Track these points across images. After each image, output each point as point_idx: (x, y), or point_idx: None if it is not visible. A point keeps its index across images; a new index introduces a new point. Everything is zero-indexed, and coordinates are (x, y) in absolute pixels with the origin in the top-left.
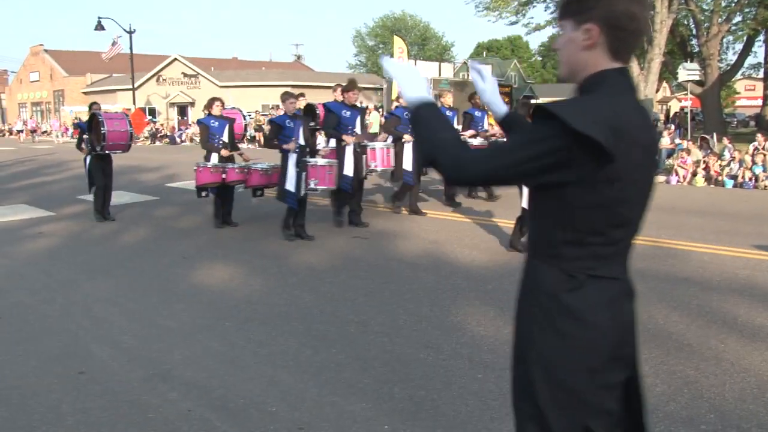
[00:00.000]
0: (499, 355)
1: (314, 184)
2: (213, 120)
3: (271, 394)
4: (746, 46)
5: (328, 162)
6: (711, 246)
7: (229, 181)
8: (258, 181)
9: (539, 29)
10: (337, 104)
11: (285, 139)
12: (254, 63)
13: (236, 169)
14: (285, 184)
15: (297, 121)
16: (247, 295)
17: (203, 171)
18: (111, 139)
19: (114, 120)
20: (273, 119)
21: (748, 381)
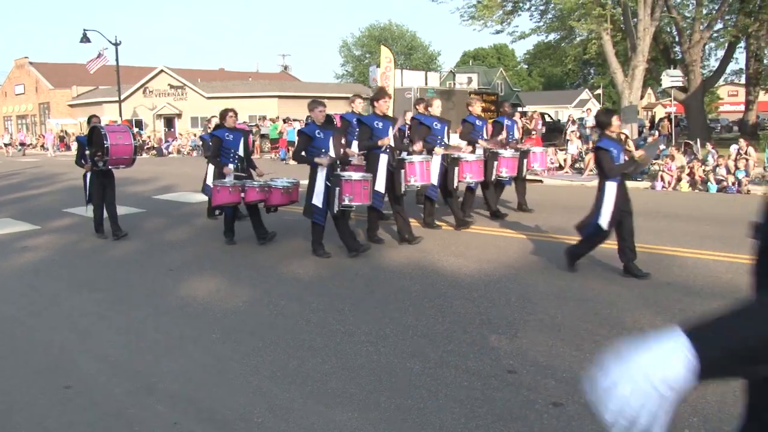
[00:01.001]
0: (484, 363)
1: (348, 200)
2: (227, 133)
3: (257, 405)
4: (728, 52)
5: (363, 176)
6: (694, 250)
7: (249, 200)
8: (279, 200)
9: (524, 37)
10: (370, 116)
11: (314, 151)
12: (241, 74)
13: (256, 188)
14: (312, 198)
15: (327, 131)
16: (233, 306)
17: (221, 191)
18: (114, 154)
19: (117, 133)
20: (302, 129)
21: (730, 384)
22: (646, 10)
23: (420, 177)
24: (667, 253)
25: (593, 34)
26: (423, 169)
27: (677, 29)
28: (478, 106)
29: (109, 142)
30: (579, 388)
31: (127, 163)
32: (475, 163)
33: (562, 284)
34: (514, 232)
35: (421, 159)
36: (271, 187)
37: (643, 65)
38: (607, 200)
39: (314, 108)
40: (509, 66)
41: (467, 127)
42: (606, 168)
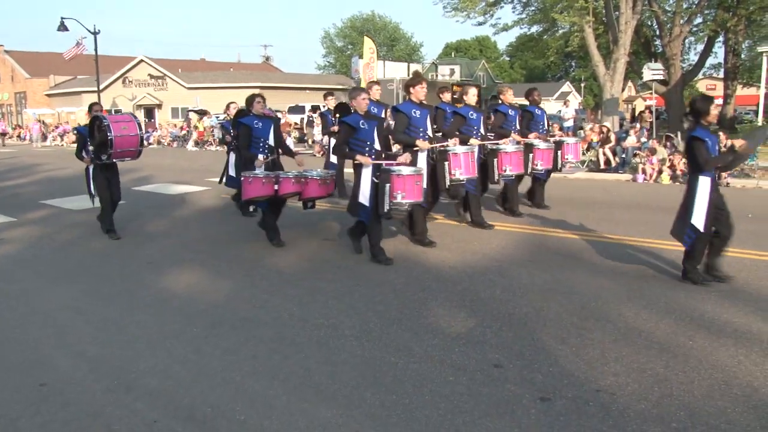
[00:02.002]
0: (470, 357)
1: (401, 197)
2: (257, 120)
3: (239, 401)
4: (707, 46)
5: (415, 170)
6: (678, 243)
7: (283, 193)
8: (316, 193)
9: (507, 29)
10: (406, 103)
11: (358, 144)
12: (222, 64)
13: (292, 179)
14: (359, 196)
15: (371, 121)
16: (214, 300)
17: (254, 182)
18: (119, 146)
19: (121, 123)
20: (344, 120)
21: (715, 377)
22: (627, 3)
23: (465, 170)
24: (651, 246)
25: (575, 27)
26: (468, 161)
27: (658, 23)
28: (510, 95)
29: (113, 133)
30: (566, 382)
31: (133, 156)
32: (515, 154)
33: (547, 277)
34: (498, 224)
35: (466, 150)
36: (307, 178)
37: (624, 58)
38: (700, 197)
39: (357, 95)
40: (491, 58)
41: (499, 118)
42: (701, 160)
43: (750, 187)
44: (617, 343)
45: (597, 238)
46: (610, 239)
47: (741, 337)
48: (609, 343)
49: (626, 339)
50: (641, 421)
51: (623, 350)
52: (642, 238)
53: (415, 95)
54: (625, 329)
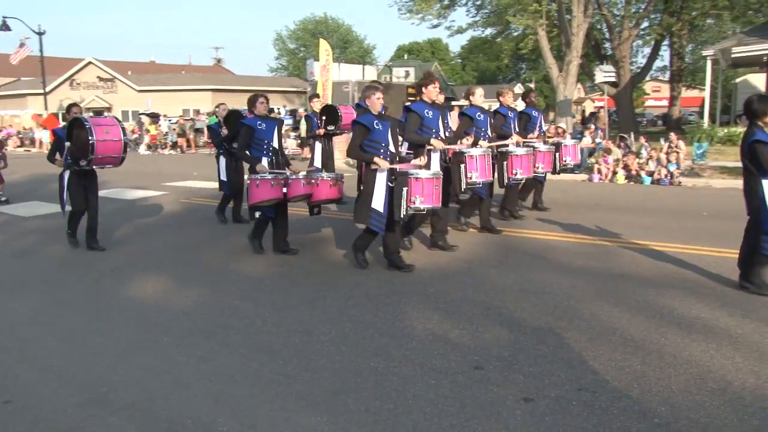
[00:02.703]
0: (449, 359)
1: (419, 201)
2: (260, 121)
3: (220, 412)
4: (654, 50)
5: (434, 173)
6: (640, 241)
7: (292, 196)
8: (327, 195)
9: (461, 32)
10: (418, 103)
11: (372, 145)
12: (173, 66)
13: (302, 180)
14: (371, 202)
15: (385, 122)
16: (184, 307)
17: (262, 185)
18: (101, 152)
19: (103, 126)
20: (358, 120)
21: (690, 372)
22: (579, 6)
23: (481, 173)
24: (614, 245)
25: (529, 30)
26: (484, 164)
27: (608, 26)
28: (510, 97)
29: (95, 137)
30: (548, 382)
31: (115, 163)
32: (525, 157)
33: (517, 277)
34: (463, 225)
35: (482, 152)
36: (317, 179)
37: (577, 60)
38: None
39: (371, 94)
40: (444, 60)
41: (499, 119)
42: (766, 164)
43: (700, 186)
44: (593, 342)
45: (562, 238)
46: (575, 239)
47: (710, 332)
48: (585, 341)
49: (602, 337)
50: (625, 418)
51: (600, 348)
52: (604, 238)
53: (428, 95)
54: (599, 328)
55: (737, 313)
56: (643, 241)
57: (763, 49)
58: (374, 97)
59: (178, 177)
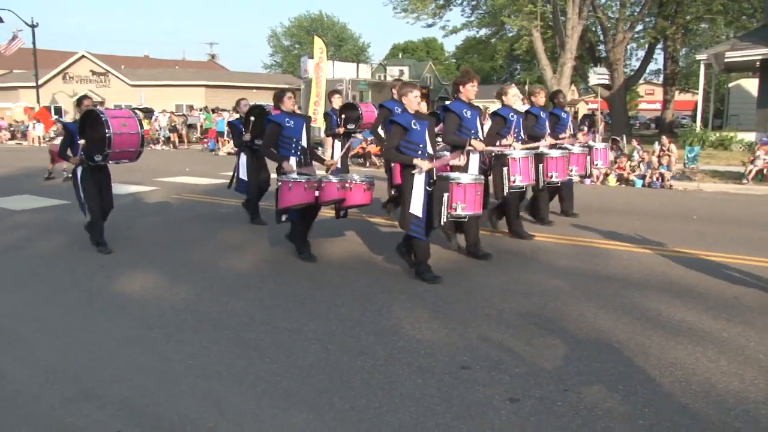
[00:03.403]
0: (437, 359)
1: (461, 208)
2: (288, 118)
3: (207, 409)
4: (648, 53)
5: (476, 178)
6: (629, 244)
7: (324, 200)
8: (360, 200)
9: (456, 32)
10: (456, 102)
11: (410, 147)
12: (167, 61)
13: (336, 183)
14: (410, 206)
15: (423, 121)
16: (173, 304)
17: (294, 188)
18: (117, 146)
19: (119, 119)
20: (396, 119)
21: (675, 374)
22: (574, 9)
23: (525, 176)
24: (603, 247)
25: (524, 31)
26: (527, 166)
27: (602, 29)
28: (542, 96)
29: (112, 130)
30: (533, 382)
31: (132, 157)
32: (561, 159)
33: (505, 278)
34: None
35: (524, 154)
36: (351, 182)
37: (571, 62)
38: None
39: (408, 92)
40: (439, 60)
41: (531, 120)
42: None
43: (691, 189)
44: (580, 343)
45: (551, 240)
46: (564, 241)
47: (696, 335)
48: (572, 342)
49: (588, 339)
50: (609, 419)
51: (586, 350)
52: (594, 239)
53: (465, 94)
54: (586, 329)
55: (722, 317)
56: (631, 243)
57: (756, 55)
58: (411, 95)
59: (170, 173)
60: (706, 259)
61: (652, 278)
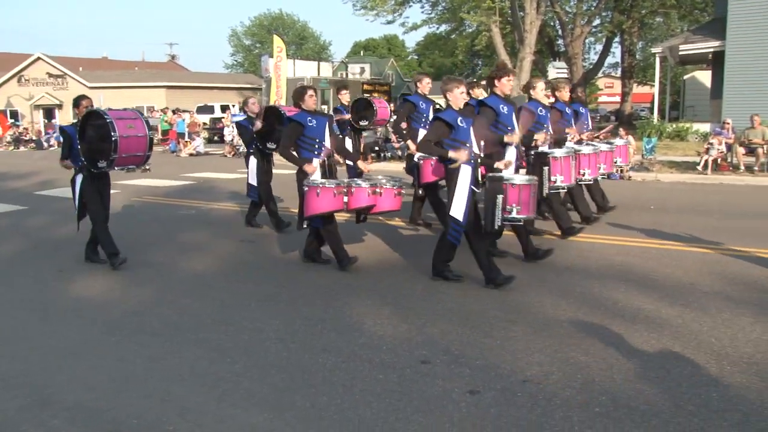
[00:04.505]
0: (398, 354)
1: (516, 211)
2: (310, 117)
3: (167, 412)
4: (605, 47)
5: (530, 179)
6: (587, 235)
7: (353, 207)
8: (390, 206)
9: (416, 28)
10: (491, 97)
11: (456, 146)
12: (126, 63)
13: (367, 188)
14: (451, 208)
15: (468, 119)
16: (133, 306)
17: (324, 194)
18: (124, 150)
19: (126, 120)
20: (441, 116)
21: (632, 361)
22: (532, 4)
23: (566, 176)
24: (561, 238)
25: (483, 26)
26: (569, 165)
27: (560, 23)
28: (567, 91)
29: (118, 133)
30: (494, 374)
31: (139, 162)
32: (567, 160)
33: (466, 272)
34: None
35: (566, 153)
36: (382, 187)
37: (530, 57)
38: None
39: (453, 88)
40: (400, 56)
41: (555, 115)
42: None
43: (649, 180)
44: (540, 334)
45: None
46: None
47: (652, 322)
48: (532, 334)
49: (548, 329)
50: (567, 408)
51: (546, 340)
52: (553, 231)
53: (501, 89)
54: (545, 320)
55: (678, 304)
56: (589, 234)
57: (708, 47)
58: (457, 91)
59: (130, 175)
60: (663, 248)
61: (611, 267)
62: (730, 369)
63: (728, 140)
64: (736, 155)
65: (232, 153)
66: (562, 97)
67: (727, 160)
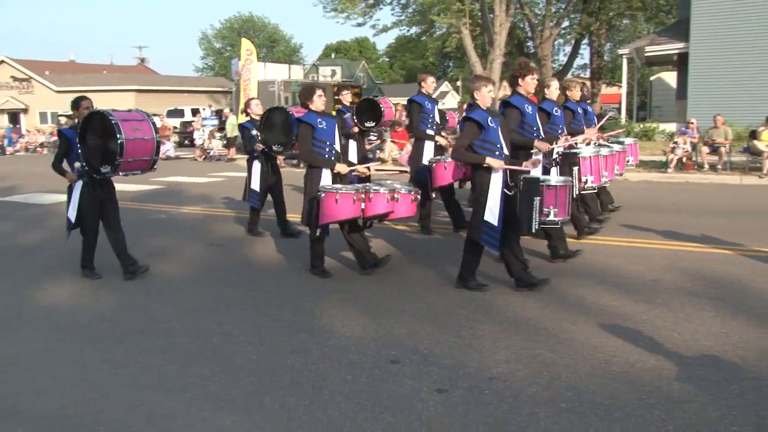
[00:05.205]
0: (366, 355)
1: (553, 214)
2: (319, 119)
3: (135, 418)
4: (574, 48)
5: (565, 180)
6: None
7: (370, 215)
8: (406, 212)
9: (386, 30)
10: (516, 96)
11: (487, 147)
12: (94, 66)
13: (386, 194)
14: (484, 213)
15: (496, 118)
16: (100, 312)
17: (342, 200)
18: (130, 154)
19: (131, 122)
20: (471, 116)
21: (597, 357)
22: (501, 6)
23: (596, 177)
24: (529, 237)
25: (453, 29)
26: (598, 165)
27: (530, 25)
28: (578, 92)
29: (124, 136)
30: (462, 373)
31: (145, 168)
32: (596, 159)
33: (435, 272)
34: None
35: (593, 152)
36: (399, 192)
37: (500, 59)
38: None
39: (481, 86)
40: (371, 59)
41: (568, 115)
42: None
43: (617, 179)
44: (507, 332)
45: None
46: None
47: (618, 318)
48: (499, 332)
49: (515, 327)
50: (533, 404)
51: (513, 338)
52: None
53: (525, 88)
54: (513, 318)
55: (642, 300)
56: None
57: (673, 49)
58: (485, 90)
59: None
60: (628, 246)
61: (577, 266)
62: (690, 362)
63: (693, 140)
64: (701, 154)
65: (202, 157)
66: (573, 96)
67: (692, 159)
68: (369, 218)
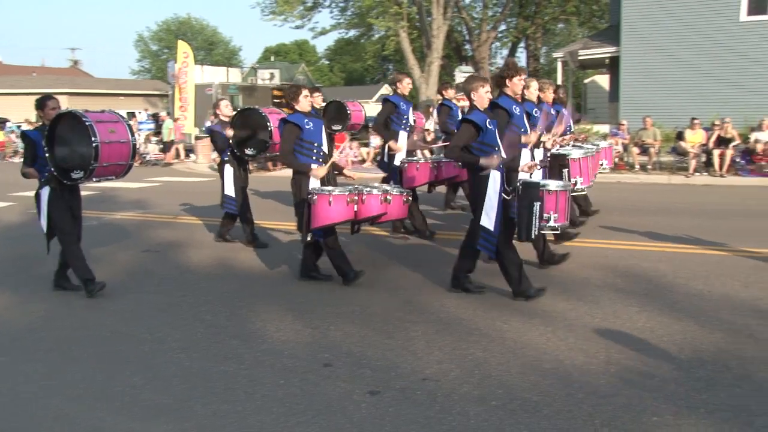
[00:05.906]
0: (300, 359)
1: (554, 219)
2: (307, 120)
3: (59, 429)
4: (511, 51)
5: (564, 185)
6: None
7: (363, 217)
8: (398, 214)
9: (325, 33)
10: (503, 97)
11: (486, 150)
12: (23, 68)
13: (379, 195)
14: (481, 217)
15: (494, 120)
16: (28, 323)
17: (336, 202)
18: (105, 158)
19: (106, 124)
20: (470, 118)
21: (528, 355)
22: (439, 9)
23: (586, 178)
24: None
25: (391, 32)
26: (587, 167)
27: (467, 29)
28: (551, 93)
29: (99, 138)
30: (394, 374)
31: (119, 173)
32: (586, 161)
33: (370, 275)
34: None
35: (584, 154)
36: (392, 194)
37: (438, 61)
38: None
39: (478, 87)
40: (311, 61)
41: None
42: None
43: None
44: (440, 333)
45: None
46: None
47: (549, 316)
48: (433, 333)
49: (449, 328)
50: (464, 403)
51: (446, 339)
52: (457, 233)
53: (512, 89)
54: (447, 319)
55: (573, 298)
56: None
57: (605, 53)
58: (482, 90)
59: (28, 187)
60: (562, 245)
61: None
62: (617, 356)
63: (624, 141)
64: (632, 155)
65: (138, 161)
66: (545, 98)
67: (623, 159)
68: (361, 221)
